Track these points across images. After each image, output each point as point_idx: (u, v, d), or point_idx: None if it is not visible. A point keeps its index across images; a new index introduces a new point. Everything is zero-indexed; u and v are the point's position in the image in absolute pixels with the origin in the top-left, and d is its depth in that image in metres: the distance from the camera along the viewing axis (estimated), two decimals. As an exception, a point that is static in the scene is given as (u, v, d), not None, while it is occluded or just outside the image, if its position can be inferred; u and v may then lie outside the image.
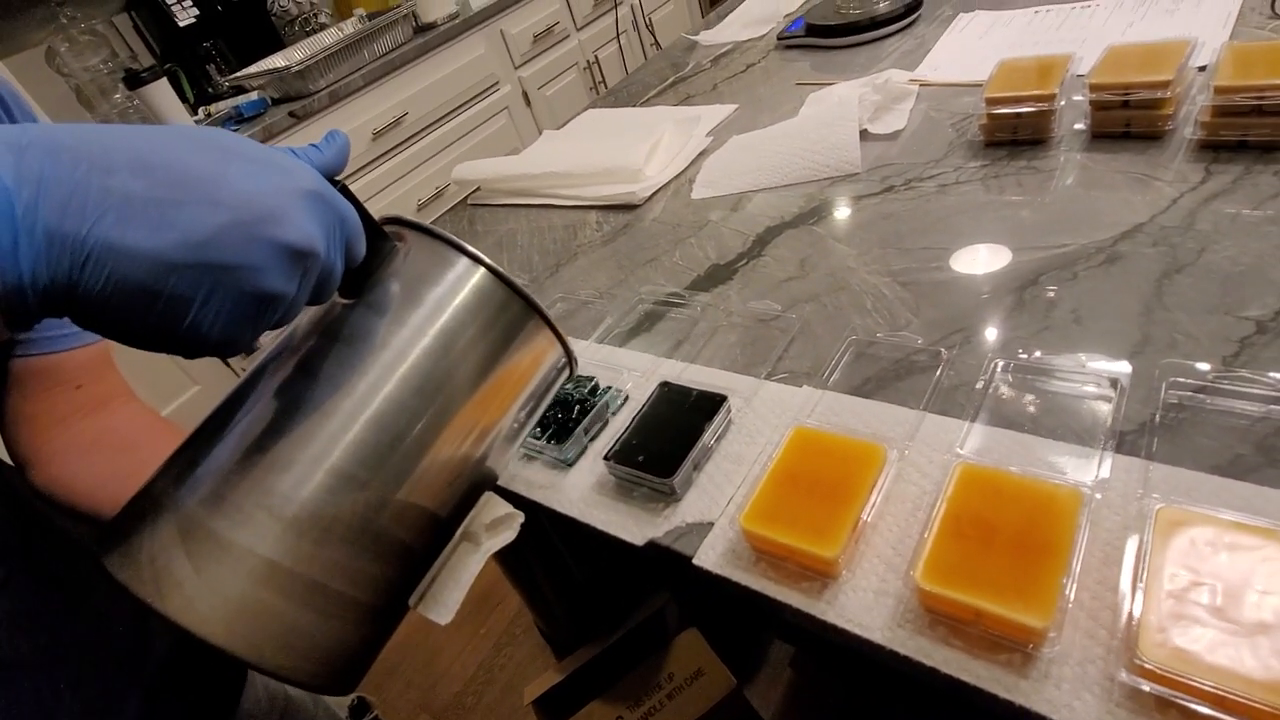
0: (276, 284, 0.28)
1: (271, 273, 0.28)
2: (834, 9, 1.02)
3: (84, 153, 0.24)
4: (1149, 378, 0.41)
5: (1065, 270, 0.50)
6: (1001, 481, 0.36)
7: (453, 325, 0.36)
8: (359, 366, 0.34)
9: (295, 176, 0.29)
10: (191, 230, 0.26)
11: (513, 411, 0.40)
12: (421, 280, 0.36)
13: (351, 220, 0.32)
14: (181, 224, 0.25)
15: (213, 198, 0.26)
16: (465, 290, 0.37)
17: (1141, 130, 0.60)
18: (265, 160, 0.29)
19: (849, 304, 0.55)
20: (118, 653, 0.49)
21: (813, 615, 0.36)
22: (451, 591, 0.39)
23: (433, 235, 0.37)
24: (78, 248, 0.24)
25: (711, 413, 0.47)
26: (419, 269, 0.37)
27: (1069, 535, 0.33)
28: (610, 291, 0.67)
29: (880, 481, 0.39)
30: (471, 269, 0.37)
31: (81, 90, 1.68)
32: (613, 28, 2.30)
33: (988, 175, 0.63)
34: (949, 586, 0.32)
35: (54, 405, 0.48)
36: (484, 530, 0.41)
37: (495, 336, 0.38)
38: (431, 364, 0.35)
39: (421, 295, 0.36)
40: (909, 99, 0.78)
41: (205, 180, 0.26)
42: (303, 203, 0.29)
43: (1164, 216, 0.52)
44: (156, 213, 0.25)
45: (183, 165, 0.26)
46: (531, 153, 1.01)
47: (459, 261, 0.37)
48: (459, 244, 0.37)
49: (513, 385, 0.39)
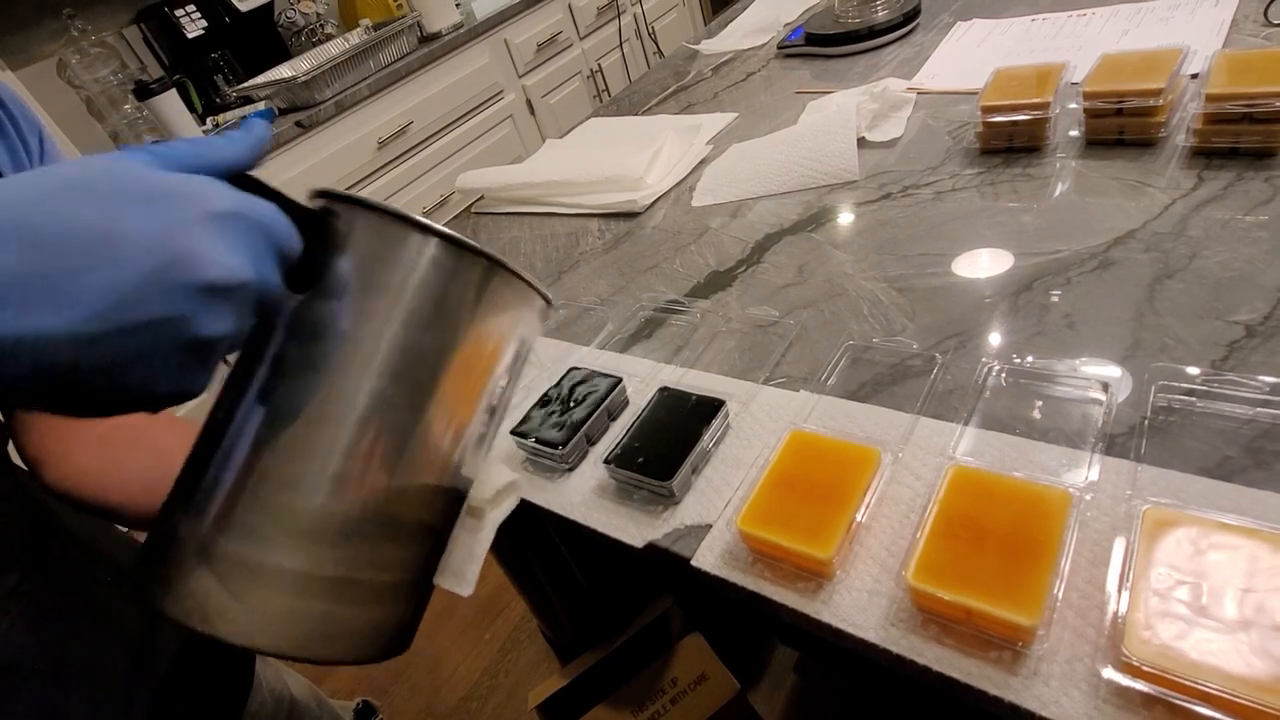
0: (209, 328, 0.26)
1: (200, 318, 0.26)
2: (833, 18, 1.03)
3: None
4: (1140, 381, 0.41)
5: (1059, 275, 0.51)
6: (993, 483, 0.37)
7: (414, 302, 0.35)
8: (332, 366, 0.33)
9: (199, 200, 0.26)
10: (100, 298, 0.23)
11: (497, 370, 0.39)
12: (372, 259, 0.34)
13: (276, 225, 0.29)
14: (87, 294, 0.23)
15: (114, 255, 0.24)
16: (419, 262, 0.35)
17: (1135, 137, 0.60)
18: (163, 193, 0.26)
19: (846, 310, 0.56)
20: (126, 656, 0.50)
21: (808, 615, 0.37)
22: (467, 564, 0.40)
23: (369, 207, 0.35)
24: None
25: (710, 417, 0.48)
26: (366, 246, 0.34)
27: (1058, 536, 0.33)
28: (611, 298, 0.68)
29: (874, 484, 0.40)
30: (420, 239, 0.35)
31: (92, 101, 1.70)
32: (615, 37, 2.32)
33: (984, 182, 0.64)
34: (940, 586, 0.33)
35: None
36: (488, 504, 0.42)
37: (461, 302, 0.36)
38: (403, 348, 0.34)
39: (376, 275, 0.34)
40: (906, 107, 0.78)
41: (100, 237, 0.24)
42: (215, 230, 0.26)
43: (1156, 222, 0.52)
44: (55, 288, 0.23)
45: (73, 227, 0.23)
46: (534, 161, 1.02)
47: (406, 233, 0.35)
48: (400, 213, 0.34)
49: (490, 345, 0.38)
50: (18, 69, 1.64)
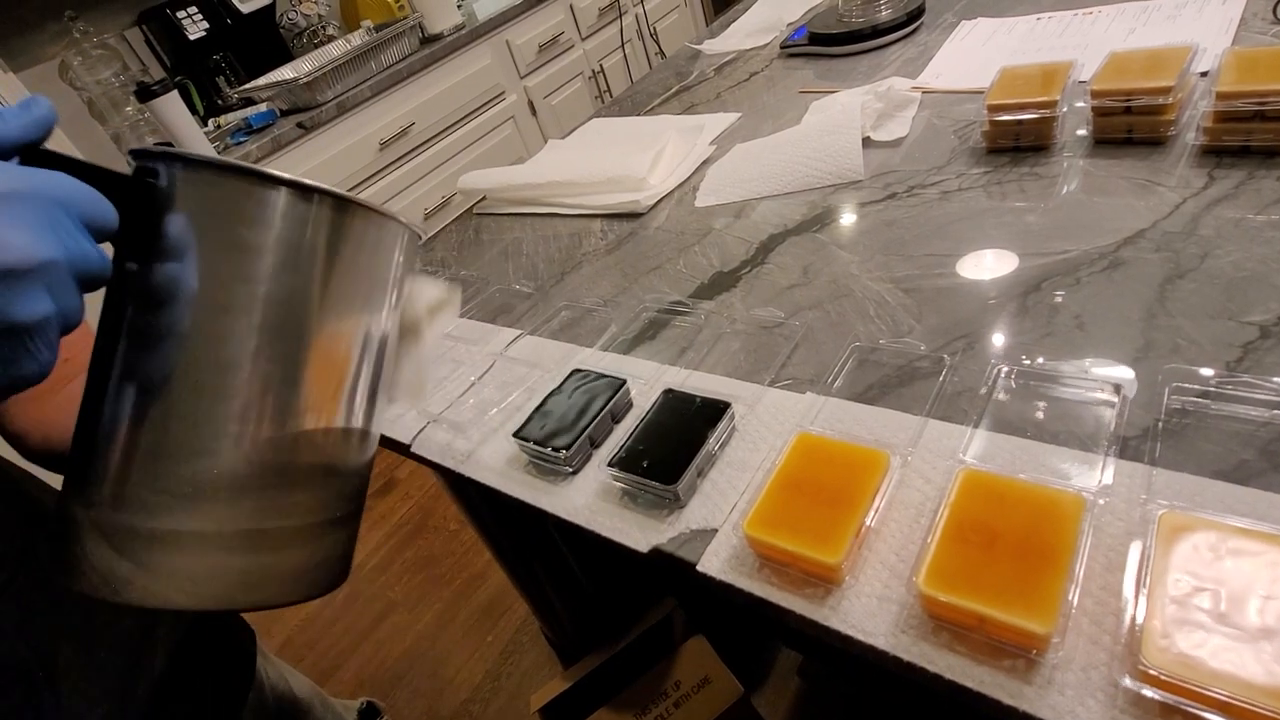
0: (20, 313, 0.25)
1: (9, 304, 0.25)
2: (837, 17, 1.02)
3: None
4: (1152, 383, 0.41)
5: (1068, 276, 0.51)
6: (1004, 487, 0.36)
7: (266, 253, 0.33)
8: (189, 330, 0.32)
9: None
10: None
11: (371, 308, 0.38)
12: (209, 213, 0.33)
13: (75, 195, 0.28)
14: None
15: None
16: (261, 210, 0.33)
17: (1144, 136, 0.60)
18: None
19: (852, 311, 0.55)
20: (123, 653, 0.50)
21: (816, 621, 0.36)
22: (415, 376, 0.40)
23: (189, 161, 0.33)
24: None
25: (715, 420, 0.47)
26: (199, 202, 0.33)
27: (1071, 541, 0.33)
28: (615, 299, 0.68)
29: (883, 488, 0.39)
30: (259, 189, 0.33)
31: (94, 103, 1.70)
32: (617, 37, 2.32)
33: (990, 182, 0.63)
34: (952, 592, 0.32)
35: None
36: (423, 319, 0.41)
37: (313, 244, 0.34)
38: (263, 299, 0.33)
39: (218, 232, 0.33)
40: (911, 106, 0.78)
41: None
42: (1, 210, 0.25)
43: (1167, 222, 0.52)
44: None
45: None
46: (536, 162, 1.02)
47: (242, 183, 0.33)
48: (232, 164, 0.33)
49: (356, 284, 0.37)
50: (20, 71, 1.64)
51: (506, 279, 0.79)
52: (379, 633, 1.45)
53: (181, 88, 1.63)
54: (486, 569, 1.49)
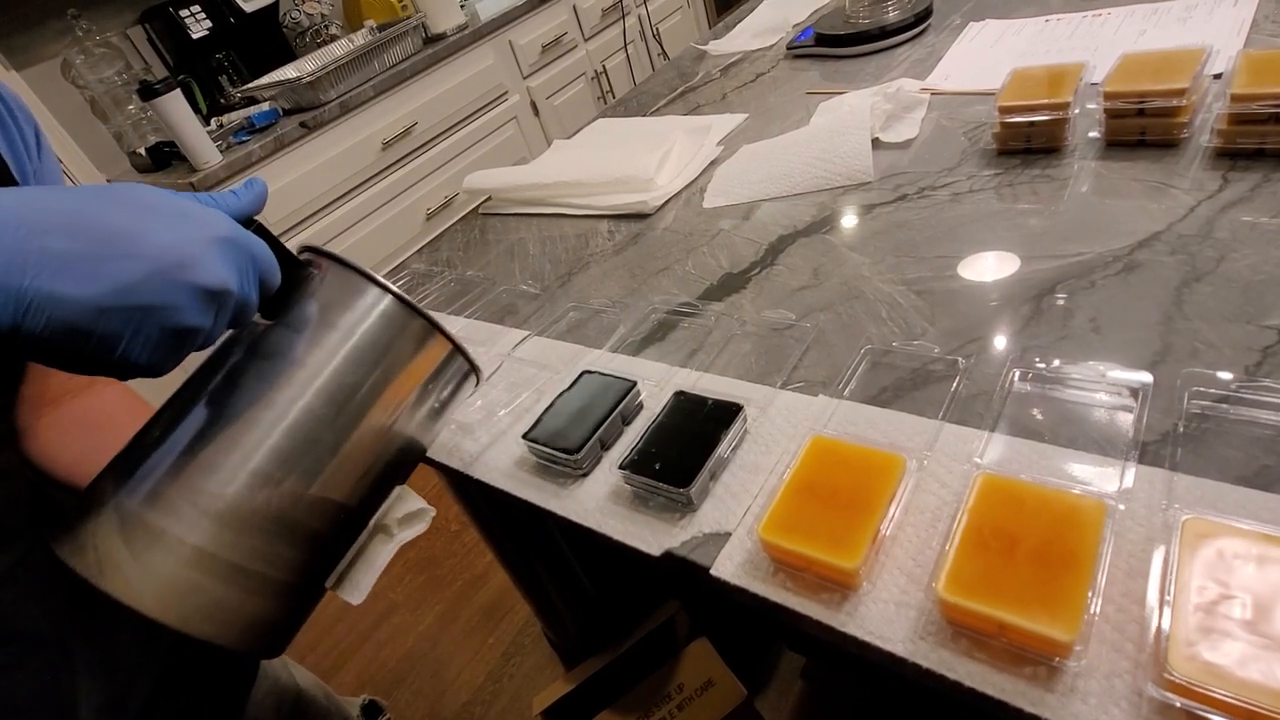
0: (193, 320, 0.33)
1: (188, 311, 0.32)
2: (843, 18, 1.02)
3: (24, 218, 0.29)
4: (1170, 387, 0.40)
5: (1083, 279, 0.50)
6: (1023, 492, 0.36)
7: (359, 342, 0.41)
8: (277, 380, 0.39)
9: (208, 226, 0.34)
10: (117, 279, 0.30)
11: (415, 417, 0.45)
12: (333, 304, 0.42)
13: (263, 257, 0.37)
14: (108, 275, 0.30)
15: (135, 250, 0.31)
16: (371, 311, 0.42)
17: (1157, 138, 0.59)
18: (181, 214, 0.33)
19: (864, 313, 0.55)
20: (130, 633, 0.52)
21: (833, 627, 0.36)
22: (364, 575, 0.45)
23: (343, 264, 0.42)
24: (20, 298, 0.28)
25: (728, 422, 0.46)
26: (332, 293, 0.42)
27: (1093, 547, 0.32)
28: (622, 300, 0.68)
29: (900, 492, 0.39)
30: (377, 294, 0.42)
31: (96, 102, 1.70)
32: (620, 38, 2.32)
33: (1002, 184, 0.63)
34: (972, 598, 0.32)
35: (50, 388, 0.54)
36: (397, 523, 0.46)
37: (395, 351, 0.43)
38: (339, 377, 0.41)
39: (333, 317, 0.41)
40: (920, 108, 0.78)
41: (128, 235, 0.31)
42: (215, 249, 0.33)
43: (1181, 225, 0.51)
44: (86, 266, 0.29)
45: (108, 224, 0.30)
46: (542, 162, 1.01)
47: (366, 287, 0.42)
48: (366, 272, 0.42)
49: (413, 393, 0.45)
50: (22, 69, 1.63)
51: (513, 279, 0.79)
52: (380, 634, 1.45)
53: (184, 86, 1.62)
54: (488, 570, 1.48)
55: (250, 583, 0.38)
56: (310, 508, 0.40)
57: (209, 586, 0.36)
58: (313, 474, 0.39)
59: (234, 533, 0.37)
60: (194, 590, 0.36)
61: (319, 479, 0.40)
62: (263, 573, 0.38)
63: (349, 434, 0.41)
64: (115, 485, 0.37)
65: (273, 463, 0.38)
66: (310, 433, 0.39)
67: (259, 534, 0.37)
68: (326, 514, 0.41)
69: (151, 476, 0.36)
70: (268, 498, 0.38)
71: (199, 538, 0.36)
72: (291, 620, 0.41)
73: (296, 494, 0.39)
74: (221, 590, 0.37)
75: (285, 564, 0.39)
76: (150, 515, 0.35)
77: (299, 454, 0.39)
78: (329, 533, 0.41)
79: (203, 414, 0.38)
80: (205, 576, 0.36)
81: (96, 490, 0.37)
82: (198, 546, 0.36)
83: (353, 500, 0.42)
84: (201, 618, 0.36)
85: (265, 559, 0.38)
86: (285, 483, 0.38)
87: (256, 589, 0.38)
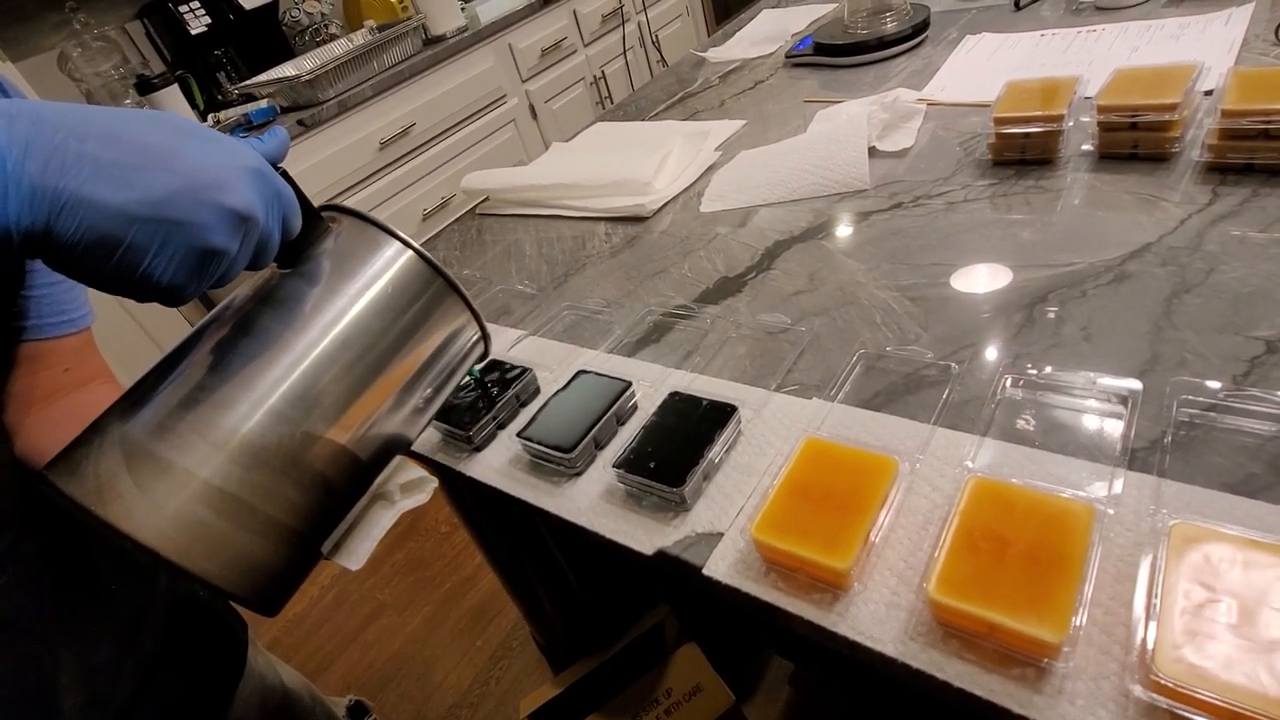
0: (220, 241, 0.32)
1: (216, 231, 0.32)
2: (842, 28, 1.03)
3: (63, 124, 0.29)
4: (1159, 395, 0.41)
5: (1074, 288, 0.51)
6: (1014, 495, 0.36)
7: (377, 294, 0.41)
8: (294, 324, 0.38)
9: (240, 155, 0.34)
10: (150, 191, 0.30)
11: (427, 376, 0.44)
12: (351, 255, 0.41)
13: (288, 196, 0.37)
14: (141, 185, 0.30)
15: (169, 166, 0.31)
16: (390, 265, 0.41)
17: (1148, 152, 0.60)
18: (215, 140, 0.33)
19: (858, 318, 0.55)
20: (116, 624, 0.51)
21: (824, 627, 0.36)
22: (363, 542, 0.44)
23: (363, 218, 0.42)
24: (55, 199, 0.28)
25: (722, 423, 0.47)
26: (350, 246, 0.41)
27: (1082, 550, 0.33)
28: (619, 302, 0.68)
29: (892, 494, 0.39)
30: (398, 248, 0.42)
31: (92, 95, 1.69)
32: (619, 44, 2.33)
33: (996, 194, 0.64)
34: (963, 599, 0.32)
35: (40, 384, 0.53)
36: (399, 489, 0.46)
37: (414, 306, 0.42)
38: (356, 325, 0.40)
39: (350, 267, 0.41)
40: (917, 118, 0.78)
41: (163, 152, 0.31)
42: (245, 175, 0.33)
43: (1172, 237, 0.52)
44: (121, 174, 0.29)
45: (145, 139, 0.31)
46: (541, 164, 1.01)
47: (385, 240, 0.42)
48: (386, 226, 0.42)
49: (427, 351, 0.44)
50: (18, 60, 1.62)
51: (509, 279, 0.79)
52: (367, 635, 1.44)
53: (182, 82, 1.62)
54: (477, 572, 1.48)
55: (256, 523, 0.37)
56: (322, 453, 0.39)
57: (213, 522, 0.35)
58: (328, 419, 0.39)
59: (245, 469, 0.36)
60: (198, 524, 0.35)
61: (333, 425, 0.39)
62: (270, 514, 0.37)
63: (365, 383, 0.40)
64: (121, 418, 0.36)
65: (289, 403, 0.37)
66: (327, 377, 0.39)
67: (271, 472, 0.37)
68: (337, 462, 0.40)
69: (162, 410, 0.36)
70: (281, 436, 0.37)
71: (209, 471, 0.35)
72: (291, 573, 0.40)
73: (311, 436, 0.38)
74: (225, 527, 0.36)
75: (293, 508, 0.38)
76: (158, 447, 0.35)
77: (315, 397, 0.38)
78: (338, 483, 0.41)
79: (216, 354, 0.38)
80: (211, 511, 0.35)
81: (100, 424, 0.36)
82: (206, 480, 0.35)
83: (363, 453, 0.41)
84: (203, 554, 0.35)
85: (274, 500, 0.37)
86: (301, 424, 0.38)
87: (261, 530, 0.37)
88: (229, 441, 0.35)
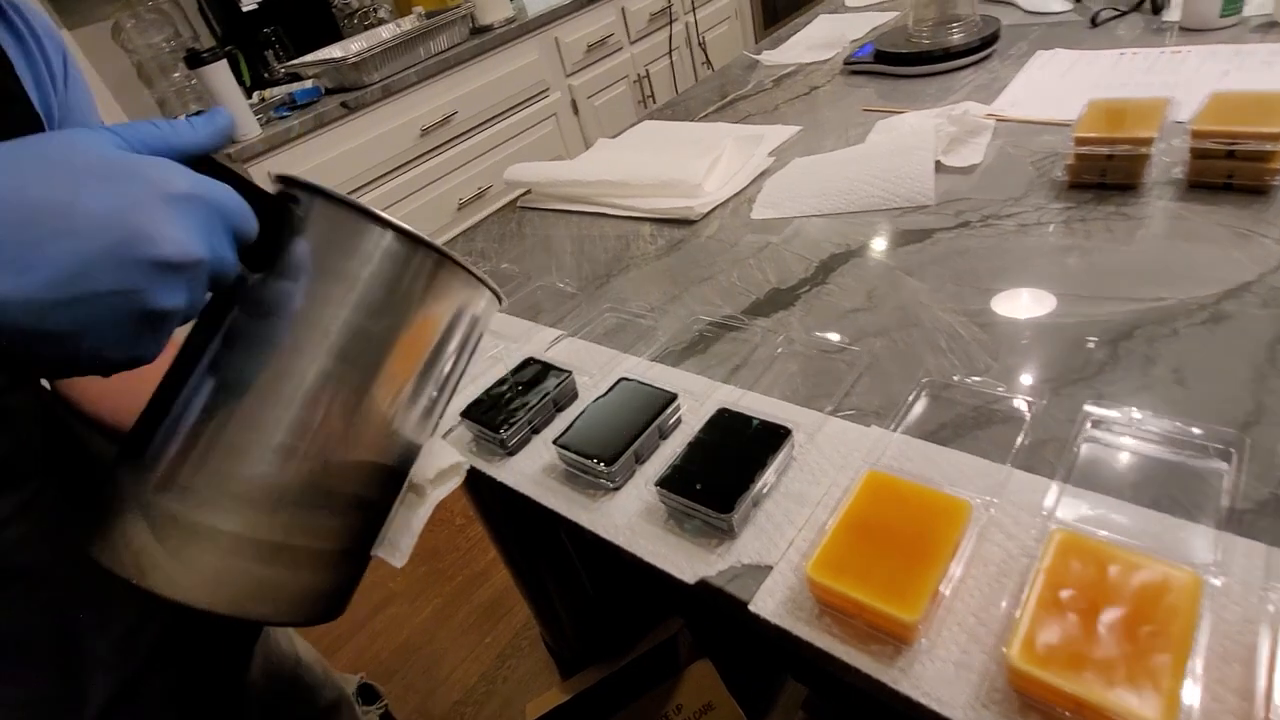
0: (161, 301, 0.28)
1: (152, 291, 0.27)
2: (905, 37, 0.99)
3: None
4: (1267, 451, 0.37)
5: (1163, 325, 0.47)
6: (1107, 556, 0.33)
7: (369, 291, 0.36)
8: (286, 343, 0.35)
9: (157, 182, 0.28)
10: (55, 269, 0.25)
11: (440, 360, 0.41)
12: (330, 248, 0.36)
13: (232, 206, 0.31)
14: (44, 263, 0.24)
15: (70, 228, 0.25)
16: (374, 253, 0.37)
17: (1245, 183, 0.56)
18: (122, 173, 0.27)
19: (921, 341, 0.52)
20: None
21: (884, 684, 0.33)
22: (402, 536, 0.42)
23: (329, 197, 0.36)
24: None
25: (775, 446, 0.44)
26: (326, 234, 0.36)
27: (1189, 625, 0.29)
28: (663, 308, 0.65)
29: (964, 541, 0.36)
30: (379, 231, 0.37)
31: (143, 66, 1.70)
32: (666, 44, 2.30)
33: (1072, 218, 0.60)
34: (1051, 671, 0.29)
35: None
36: (429, 483, 0.44)
37: (412, 293, 0.38)
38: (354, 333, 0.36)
39: (333, 263, 0.36)
40: (986, 133, 0.74)
41: (58, 211, 0.25)
42: (171, 210, 0.28)
43: (1274, 276, 0.48)
44: (15, 255, 0.24)
45: (32, 200, 0.25)
46: (586, 159, 0.99)
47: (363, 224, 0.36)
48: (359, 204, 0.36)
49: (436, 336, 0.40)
50: (74, 29, 1.64)
51: (549, 276, 0.76)
52: (375, 623, 1.43)
53: (231, 58, 1.62)
54: (490, 567, 1.46)
55: (296, 558, 0.35)
56: (348, 473, 0.37)
57: (256, 570, 0.34)
58: (345, 441, 0.37)
59: (271, 514, 0.34)
60: (240, 575, 0.34)
61: (348, 443, 0.37)
62: (308, 546, 0.36)
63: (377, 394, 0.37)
64: (135, 476, 0.34)
65: (297, 436, 0.35)
66: (331, 397, 0.36)
67: (296, 509, 0.35)
68: (365, 477, 0.38)
69: (175, 466, 0.34)
70: (298, 472, 0.35)
71: (237, 525, 0.33)
72: (346, 584, 0.39)
73: (327, 463, 0.36)
74: (267, 571, 0.34)
75: (331, 533, 0.37)
76: (178, 508, 0.33)
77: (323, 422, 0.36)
78: (370, 495, 0.39)
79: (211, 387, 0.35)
80: (250, 561, 0.34)
81: (115, 481, 0.35)
82: (234, 533, 0.33)
83: (390, 459, 0.39)
84: (254, 601, 0.34)
85: (307, 532, 0.36)
86: (314, 454, 0.35)
87: (304, 563, 0.36)
88: (249, 491, 0.34)
